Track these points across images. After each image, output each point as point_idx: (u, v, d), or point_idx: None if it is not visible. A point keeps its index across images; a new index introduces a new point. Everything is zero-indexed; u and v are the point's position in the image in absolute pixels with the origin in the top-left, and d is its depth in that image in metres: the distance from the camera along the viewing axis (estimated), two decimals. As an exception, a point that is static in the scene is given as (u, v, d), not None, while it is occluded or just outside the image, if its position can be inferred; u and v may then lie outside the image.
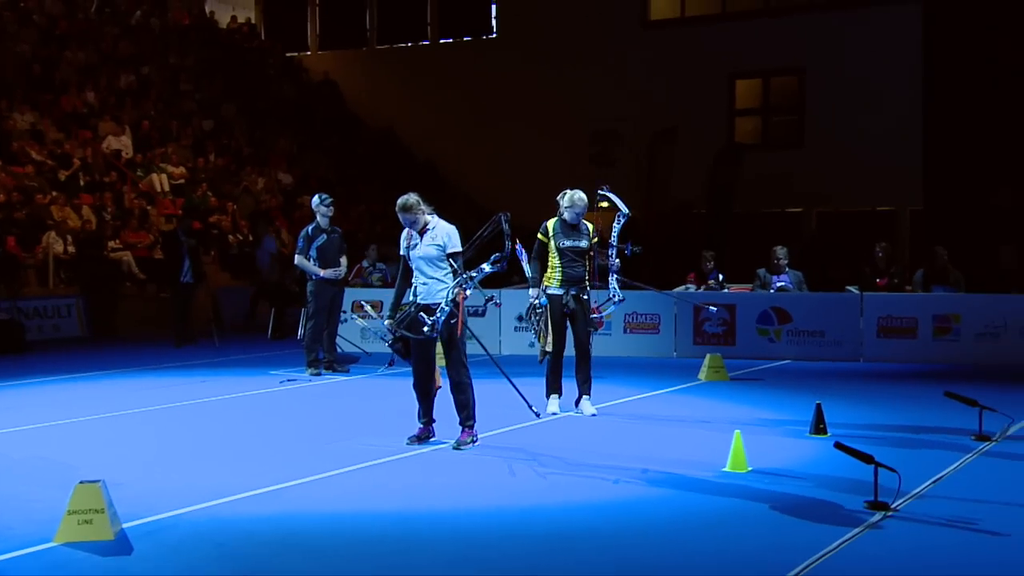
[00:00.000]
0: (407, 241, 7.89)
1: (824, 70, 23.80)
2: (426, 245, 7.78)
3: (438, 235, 7.79)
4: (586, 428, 8.85)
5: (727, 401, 10.39)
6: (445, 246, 7.78)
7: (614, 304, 9.37)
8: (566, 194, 9.29)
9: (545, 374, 9.48)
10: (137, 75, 24.42)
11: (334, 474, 6.94)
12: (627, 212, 9.15)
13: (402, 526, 5.75)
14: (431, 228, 7.82)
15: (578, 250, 9.25)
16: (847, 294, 14.70)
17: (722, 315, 14.20)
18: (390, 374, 12.18)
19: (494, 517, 5.94)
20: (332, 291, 12.54)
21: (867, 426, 8.81)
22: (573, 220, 9.25)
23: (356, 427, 8.81)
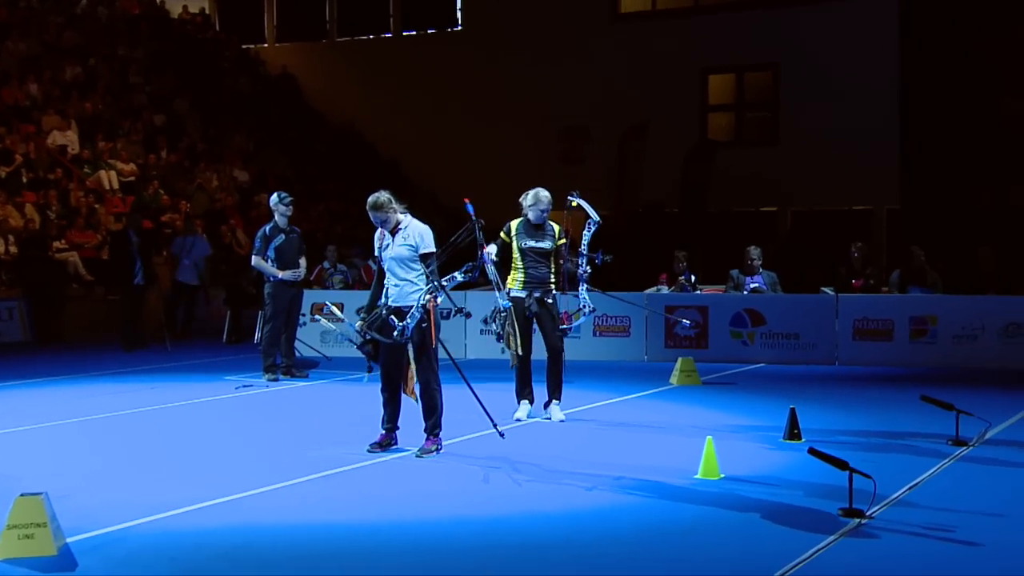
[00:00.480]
0: (379, 241, 7.88)
1: (799, 65, 23.98)
2: (398, 245, 7.77)
3: (410, 235, 7.79)
4: (555, 434, 8.87)
5: (699, 406, 10.44)
6: (418, 246, 7.77)
7: (584, 314, 9.37)
8: (529, 193, 9.31)
9: (515, 379, 9.50)
10: (83, 67, 24.19)
11: (292, 484, 6.91)
12: (598, 219, 9.13)
13: (362, 537, 5.74)
14: (403, 228, 7.82)
15: (541, 251, 9.27)
16: (822, 296, 14.81)
17: (694, 318, 14.27)
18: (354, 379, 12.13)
19: (459, 527, 5.94)
20: (290, 293, 12.49)
21: (842, 431, 8.88)
22: (537, 220, 9.26)
23: (315, 435, 8.78)
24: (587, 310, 9.24)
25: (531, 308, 9.23)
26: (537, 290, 9.25)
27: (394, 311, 7.66)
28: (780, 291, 14.62)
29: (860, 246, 15.06)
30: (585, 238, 9.20)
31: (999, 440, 8.45)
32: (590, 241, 9.22)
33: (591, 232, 9.19)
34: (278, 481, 6.95)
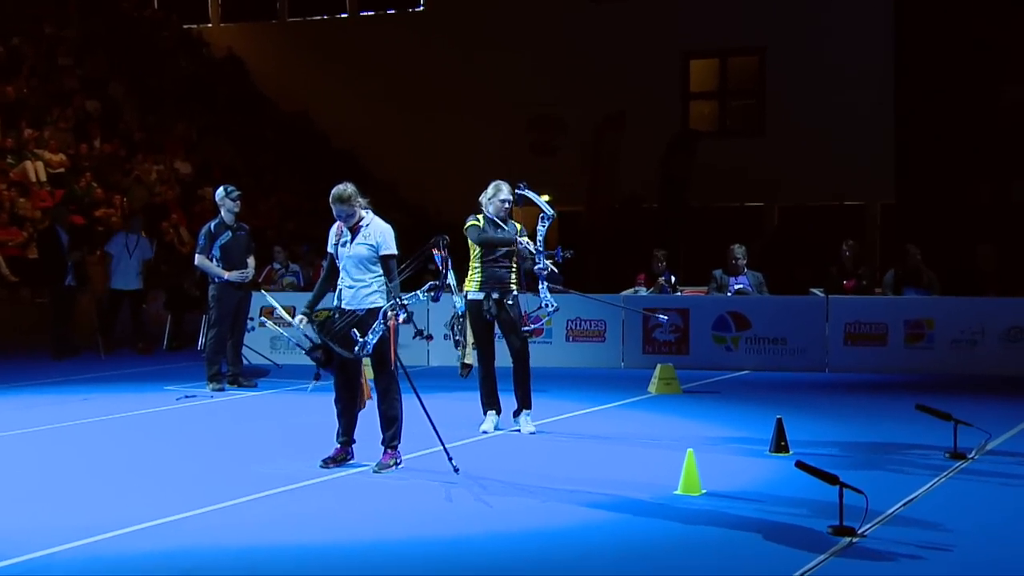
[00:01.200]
0: (336, 237, 7.85)
1: (787, 50, 24.13)
2: (357, 244, 7.75)
3: (372, 234, 7.76)
4: (524, 447, 8.88)
5: (679, 416, 10.48)
6: (379, 247, 7.74)
7: (548, 314, 9.36)
8: (490, 187, 9.31)
9: (479, 389, 9.50)
10: (6, 47, 23.93)
11: (238, 502, 6.88)
12: (552, 213, 9.10)
13: (314, 560, 5.72)
14: (365, 225, 7.79)
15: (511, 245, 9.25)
16: (811, 297, 14.90)
17: (674, 321, 14.32)
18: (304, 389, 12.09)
19: (419, 549, 5.93)
20: (237, 296, 12.44)
21: (832, 443, 8.94)
22: (498, 215, 9.25)
23: (264, 449, 8.74)
24: (549, 308, 9.23)
25: (490, 311, 9.22)
26: (496, 291, 9.25)
27: (355, 323, 7.63)
28: (766, 292, 14.71)
29: (852, 244, 15.17)
30: (540, 233, 9.16)
31: (1000, 452, 8.53)
32: (545, 237, 9.19)
33: (545, 227, 9.16)
34: (223, 500, 6.91)
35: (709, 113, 25.94)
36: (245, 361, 13.26)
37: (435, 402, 8.69)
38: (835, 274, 15.02)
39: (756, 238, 22.16)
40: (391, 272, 7.73)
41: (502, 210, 9.24)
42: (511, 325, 9.29)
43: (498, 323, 9.34)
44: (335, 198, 7.73)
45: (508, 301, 9.26)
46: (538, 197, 9.19)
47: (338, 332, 7.69)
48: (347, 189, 7.74)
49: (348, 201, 7.71)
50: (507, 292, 9.28)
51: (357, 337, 7.50)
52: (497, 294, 9.24)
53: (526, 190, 9.24)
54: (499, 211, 9.24)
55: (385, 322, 7.46)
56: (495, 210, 9.25)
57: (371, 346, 7.52)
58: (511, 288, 9.31)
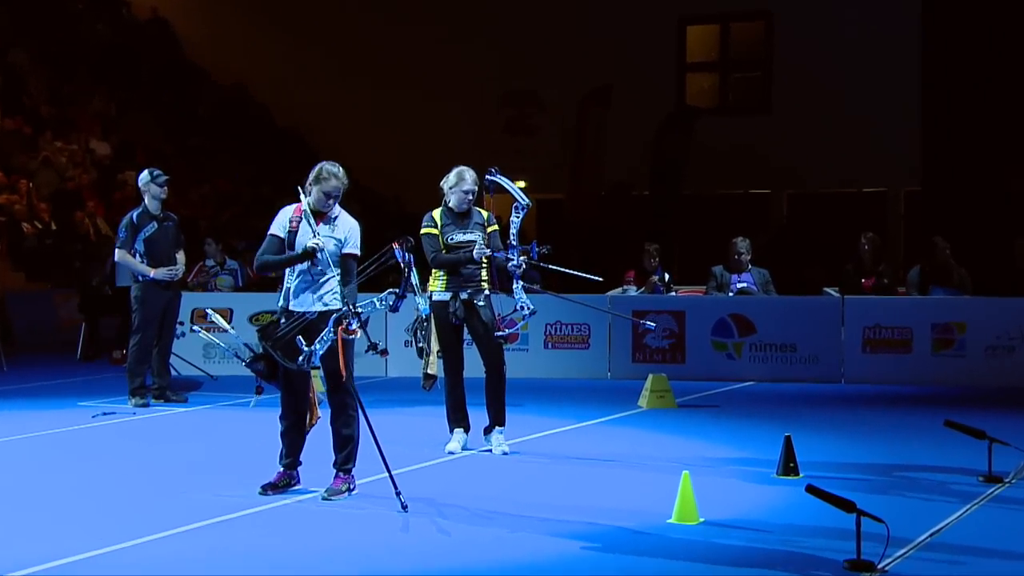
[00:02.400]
0: (290, 224, 7.81)
1: (798, 15, 24.22)
2: (322, 237, 7.72)
3: (339, 228, 7.76)
4: (495, 470, 8.86)
5: (673, 434, 10.49)
6: (343, 243, 7.74)
7: (524, 317, 9.34)
8: (451, 173, 9.28)
9: (445, 403, 9.50)
10: None
11: (164, 536, 6.84)
12: (526, 203, 9.09)
13: (254, 601, 5.70)
14: (333, 217, 7.80)
15: (469, 244, 9.22)
16: (825, 298, 14.95)
17: (668, 326, 14.34)
18: (244, 404, 12.05)
19: (374, 587, 5.92)
20: (165, 297, 12.38)
21: (848, 465, 8.97)
22: (460, 206, 9.24)
23: (195, 473, 8.70)
24: (525, 311, 9.21)
25: (457, 313, 9.20)
26: (465, 291, 9.23)
27: (304, 328, 7.59)
28: (773, 292, 14.75)
29: (871, 237, 15.21)
30: (514, 225, 9.15)
31: (1039, 474, 8.57)
32: (520, 229, 9.18)
33: (520, 217, 9.15)
34: (147, 533, 6.87)
35: (708, 87, 26.02)
36: (173, 372, 13.18)
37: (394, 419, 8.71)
38: (852, 271, 15.07)
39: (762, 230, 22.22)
40: (350, 274, 7.71)
41: (464, 202, 9.22)
42: (482, 330, 9.27)
43: (467, 327, 9.32)
44: (333, 174, 7.70)
45: (478, 302, 9.24)
46: (511, 183, 9.18)
47: (282, 339, 7.66)
48: (340, 168, 7.75)
49: (342, 181, 7.72)
50: (477, 292, 9.26)
51: (302, 345, 7.47)
52: (466, 294, 9.23)
53: (498, 176, 9.21)
54: (461, 203, 9.22)
55: (334, 330, 7.43)
56: (457, 202, 9.22)
57: (318, 356, 7.49)
58: (482, 287, 9.29)
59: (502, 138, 25.32)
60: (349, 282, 7.68)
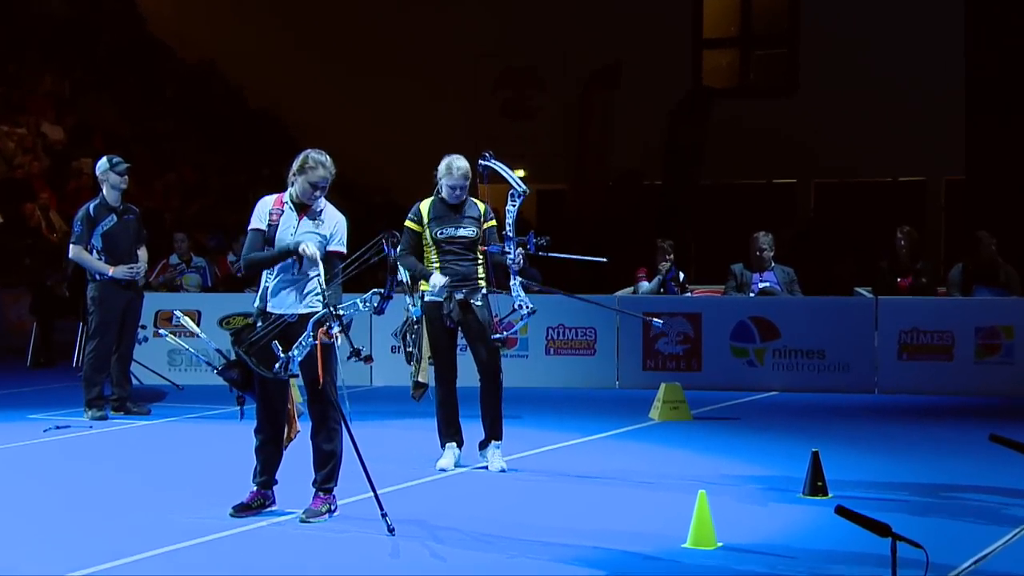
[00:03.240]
0: (270, 217, 7.81)
1: (826, -15, 24.22)
2: (305, 232, 7.72)
3: (325, 223, 7.77)
4: (492, 488, 8.88)
5: (688, 449, 10.50)
6: (328, 240, 7.74)
7: (523, 317, 9.33)
8: (443, 162, 9.29)
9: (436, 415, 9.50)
10: None
11: (120, 563, 6.82)
12: (523, 189, 9.08)
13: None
14: (319, 211, 7.80)
15: (460, 240, 9.24)
16: (856, 299, 14.96)
17: (683, 329, 14.35)
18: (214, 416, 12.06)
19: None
20: (125, 298, 12.38)
21: (883, 484, 8.98)
22: (453, 199, 9.24)
23: (159, 494, 8.70)
24: (524, 311, 9.20)
25: (452, 315, 9.20)
26: (460, 291, 9.23)
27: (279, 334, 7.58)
28: (799, 293, 14.76)
29: (908, 231, 15.22)
30: (509, 215, 9.13)
31: (1094, 494, 8.60)
32: (516, 219, 9.17)
33: (516, 206, 9.13)
34: (103, 561, 6.85)
35: (727, 65, 26.00)
36: (135, 381, 13.19)
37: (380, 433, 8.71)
38: (887, 269, 15.08)
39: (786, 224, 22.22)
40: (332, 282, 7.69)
41: (454, 196, 9.24)
42: (478, 333, 9.27)
43: (462, 330, 9.33)
44: (320, 162, 7.70)
45: (475, 302, 9.25)
46: (507, 169, 9.18)
47: (258, 344, 7.66)
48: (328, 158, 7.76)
49: (331, 171, 7.72)
50: (474, 291, 9.27)
51: (279, 351, 7.47)
52: (461, 294, 9.23)
53: (491, 160, 9.21)
54: (451, 197, 9.24)
55: (314, 335, 7.44)
56: (447, 194, 9.25)
57: (296, 363, 7.50)
58: (478, 286, 9.30)
59: (498, 122, 25.31)
60: (332, 282, 7.68)
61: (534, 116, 26.02)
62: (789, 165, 24.66)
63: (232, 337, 7.85)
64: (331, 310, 7.43)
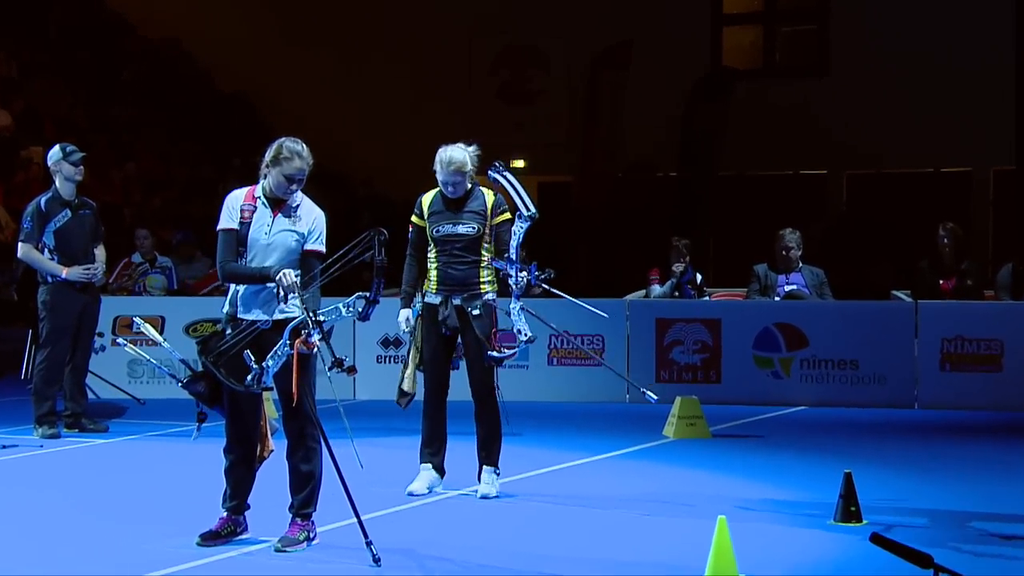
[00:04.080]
0: (242, 214, 7.80)
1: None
2: (281, 230, 7.72)
3: (302, 220, 7.76)
4: (490, 515, 8.89)
5: (707, 470, 10.52)
6: (306, 238, 7.74)
7: (521, 343, 9.28)
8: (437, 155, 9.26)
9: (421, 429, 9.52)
10: None
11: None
12: (532, 212, 8.96)
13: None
14: (295, 206, 7.79)
15: (458, 239, 9.22)
16: (894, 303, 14.97)
17: (701, 337, 14.36)
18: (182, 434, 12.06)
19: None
20: (80, 302, 12.37)
21: (922, 510, 8.99)
22: (449, 194, 9.25)
23: (117, 521, 8.69)
24: (522, 338, 9.11)
25: (448, 321, 9.19)
26: (458, 295, 9.23)
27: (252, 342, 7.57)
28: (830, 296, 14.77)
29: (952, 228, 15.24)
30: (515, 238, 9.04)
31: None
32: (521, 242, 9.09)
33: (523, 230, 9.03)
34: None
35: (751, 44, 25.98)
36: (91, 395, 13.18)
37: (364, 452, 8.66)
38: (928, 270, 15.08)
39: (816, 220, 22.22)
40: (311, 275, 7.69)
41: (447, 191, 9.23)
42: (472, 348, 9.27)
43: (461, 341, 9.35)
44: (296, 152, 7.69)
45: (473, 311, 9.23)
46: (518, 186, 9.01)
47: (228, 354, 7.65)
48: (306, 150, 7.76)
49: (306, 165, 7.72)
50: (472, 298, 9.24)
51: (251, 362, 7.46)
52: (459, 299, 9.22)
53: (503, 172, 9.05)
54: (445, 191, 9.24)
55: (291, 343, 7.44)
56: (443, 190, 9.26)
57: (270, 375, 7.49)
58: (478, 292, 9.28)
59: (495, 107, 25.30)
60: (311, 284, 7.67)
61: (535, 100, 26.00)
62: (819, 154, 24.61)
63: (199, 346, 7.84)
64: (310, 316, 7.42)
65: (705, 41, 25.40)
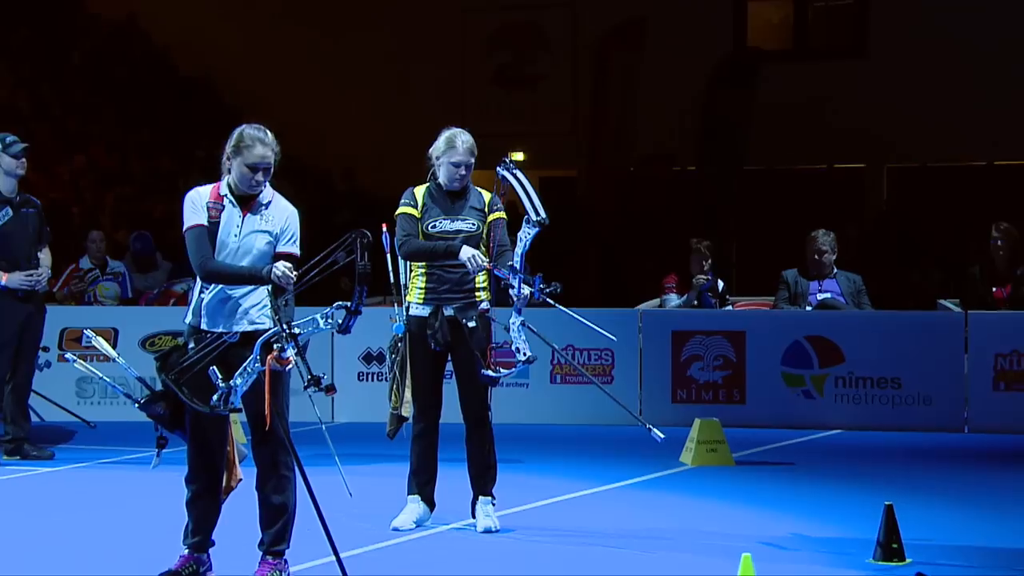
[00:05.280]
0: (209, 212, 7.79)
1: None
2: (252, 231, 7.72)
3: (274, 218, 7.75)
4: (486, 551, 8.88)
5: (730, 502, 10.53)
6: (277, 238, 7.74)
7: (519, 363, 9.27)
8: (441, 137, 9.26)
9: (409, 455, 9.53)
10: None
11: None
12: (542, 217, 8.95)
13: None
14: (265, 204, 7.78)
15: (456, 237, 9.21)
16: (941, 313, 14.96)
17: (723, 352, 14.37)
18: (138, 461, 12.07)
19: None
20: (22, 312, 12.38)
21: (972, 548, 8.98)
22: (451, 184, 9.23)
23: (65, 558, 8.69)
24: (520, 357, 9.11)
25: (438, 336, 9.18)
26: (451, 305, 9.24)
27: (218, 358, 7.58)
28: (868, 306, 14.77)
29: (1006, 229, 15.24)
30: (521, 245, 9.02)
31: None
32: (527, 251, 9.09)
33: (531, 237, 9.01)
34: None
35: (779, 22, 26.01)
36: (34, 418, 13.18)
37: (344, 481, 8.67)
38: (979, 276, 15.09)
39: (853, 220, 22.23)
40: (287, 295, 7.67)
41: (456, 178, 9.21)
42: (466, 366, 9.26)
43: (451, 358, 9.35)
44: (259, 139, 7.66)
45: (468, 322, 9.23)
46: (529, 187, 8.99)
47: (191, 371, 7.66)
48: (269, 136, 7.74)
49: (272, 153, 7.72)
50: (467, 307, 9.25)
51: (218, 380, 7.46)
52: (451, 310, 9.22)
53: (513, 171, 9.05)
54: (452, 179, 9.20)
55: (262, 359, 7.43)
56: (447, 177, 9.20)
57: (239, 395, 7.50)
58: (474, 300, 9.29)
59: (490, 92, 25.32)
60: (283, 292, 7.67)
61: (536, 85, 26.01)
62: (856, 146, 24.60)
63: (158, 362, 7.83)
64: (284, 328, 7.42)
65: (728, 18, 25.40)
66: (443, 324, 9.19)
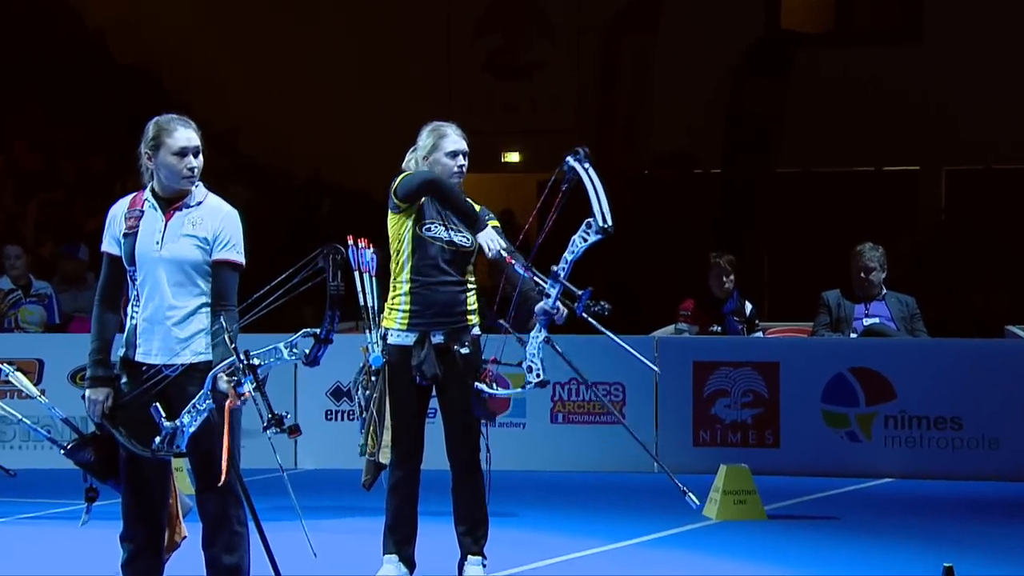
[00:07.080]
0: (126, 223, 7.76)
1: None
2: (179, 237, 7.67)
3: (206, 221, 7.69)
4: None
5: (762, 561, 10.55)
6: (212, 244, 7.69)
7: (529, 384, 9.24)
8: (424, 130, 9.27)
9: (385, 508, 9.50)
10: None
11: None
12: (607, 224, 8.89)
13: None
14: (194, 205, 7.72)
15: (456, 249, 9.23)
16: (1009, 341, 14.99)
17: (753, 387, 14.37)
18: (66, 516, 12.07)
19: None
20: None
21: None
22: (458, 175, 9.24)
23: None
24: (532, 377, 9.09)
25: (424, 368, 9.17)
26: (438, 331, 9.23)
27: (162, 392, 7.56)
28: (923, 333, 14.77)
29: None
30: (572, 252, 8.97)
31: None
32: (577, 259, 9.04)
33: (587, 245, 8.96)
34: None
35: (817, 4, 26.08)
36: (-53, 462, 13.21)
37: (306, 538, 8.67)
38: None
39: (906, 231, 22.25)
40: (229, 296, 7.62)
41: (455, 170, 9.20)
42: (457, 402, 9.26)
43: (437, 393, 9.34)
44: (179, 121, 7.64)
45: (461, 349, 9.22)
46: (599, 187, 8.98)
47: (128, 409, 7.64)
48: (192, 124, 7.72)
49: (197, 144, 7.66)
50: (458, 332, 9.26)
51: (161, 419, 7.44)
52: (439, 336, 9.22)
53: (587, 167, 9.05)
54: (451, 173, 9.18)
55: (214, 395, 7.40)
56: (444, 174, 9.19)
57: (186, 437, 7.47)
58: (466, 324, 9.30)
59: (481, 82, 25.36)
60: (230, 310, 7.61)
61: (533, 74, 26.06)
62: (909, 145, 24.68)
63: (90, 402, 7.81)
64: (240, 357, 7.35)
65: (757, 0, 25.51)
66: (430, 354, 9.16)
